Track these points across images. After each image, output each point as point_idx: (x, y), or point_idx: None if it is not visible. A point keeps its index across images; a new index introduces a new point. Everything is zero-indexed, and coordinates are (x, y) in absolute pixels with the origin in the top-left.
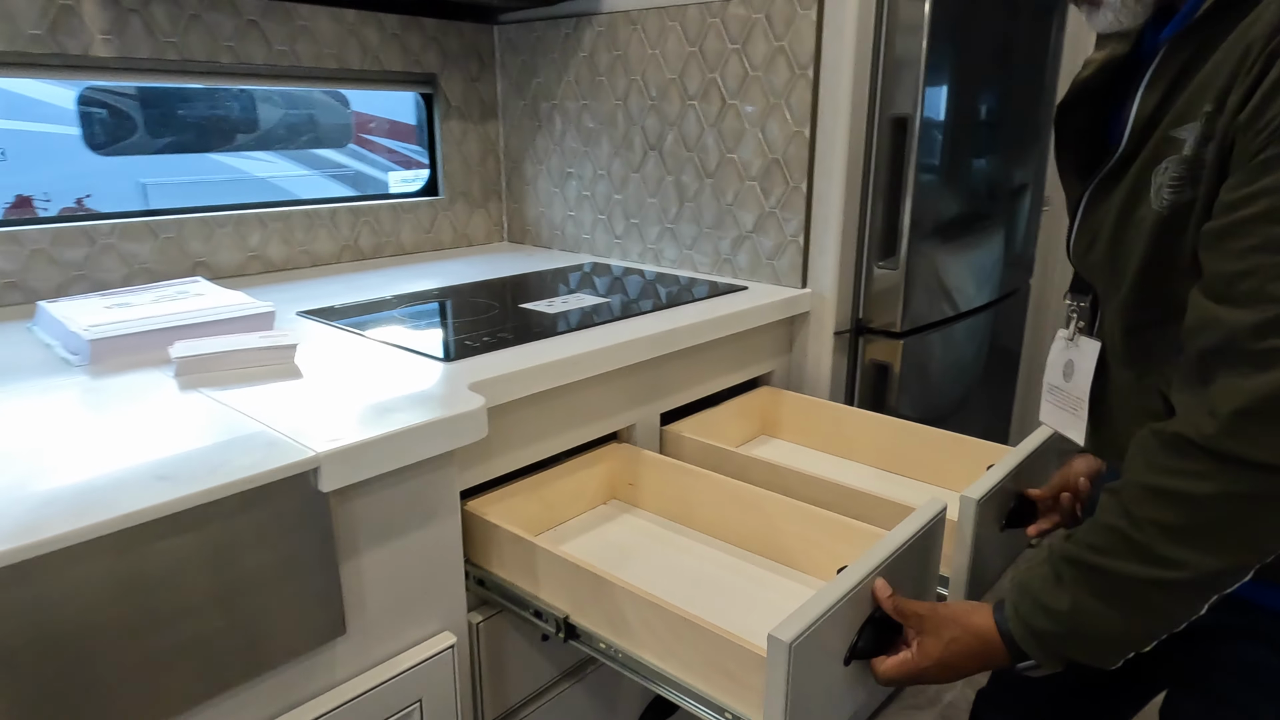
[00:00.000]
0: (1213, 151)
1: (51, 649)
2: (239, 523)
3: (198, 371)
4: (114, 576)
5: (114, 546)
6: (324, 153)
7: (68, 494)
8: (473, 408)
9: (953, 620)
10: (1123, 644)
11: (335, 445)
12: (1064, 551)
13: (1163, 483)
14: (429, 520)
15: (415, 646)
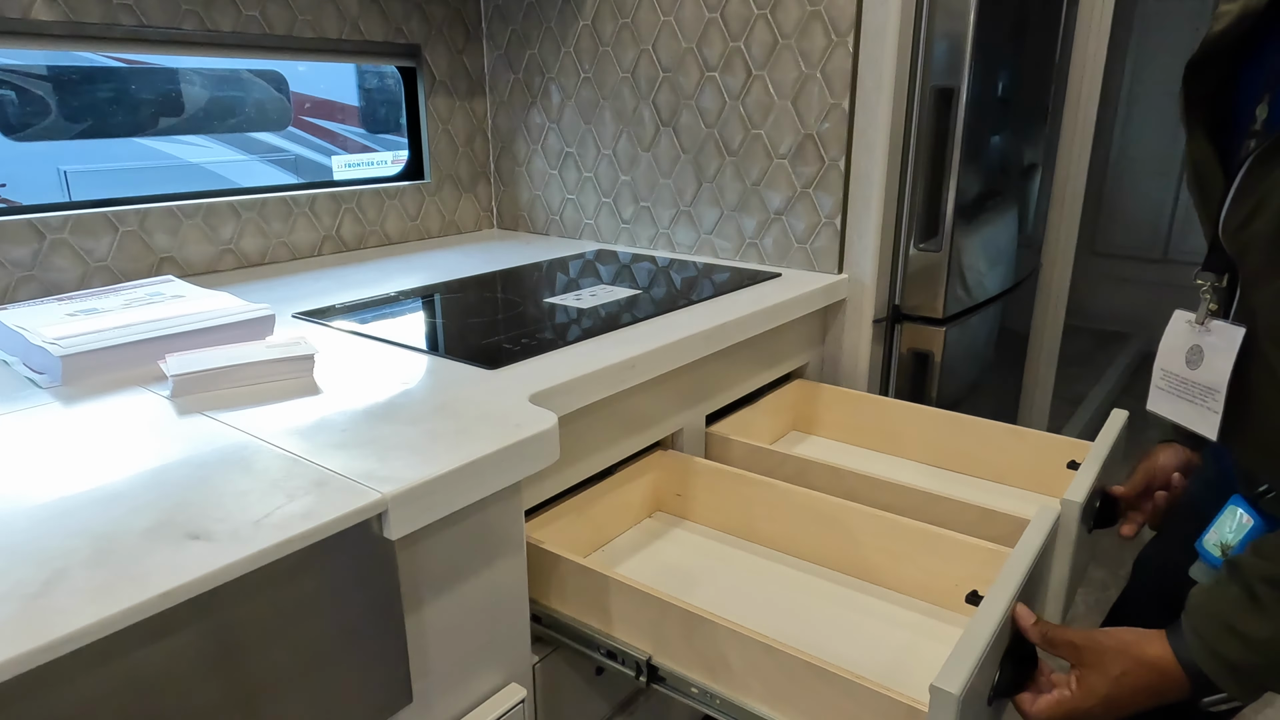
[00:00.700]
0: None
1: None
2: (292, 587)
3: (198, 391)
4: (131, 677)
5: (141, 636)
6: (262, 136)
7: (76, 566)
8: (545, 428)
9: (1120, 652)
10: None
11: (404, 484)
12: (1262, 571)
13: None
14: (494, 559)
15: (482, 705)
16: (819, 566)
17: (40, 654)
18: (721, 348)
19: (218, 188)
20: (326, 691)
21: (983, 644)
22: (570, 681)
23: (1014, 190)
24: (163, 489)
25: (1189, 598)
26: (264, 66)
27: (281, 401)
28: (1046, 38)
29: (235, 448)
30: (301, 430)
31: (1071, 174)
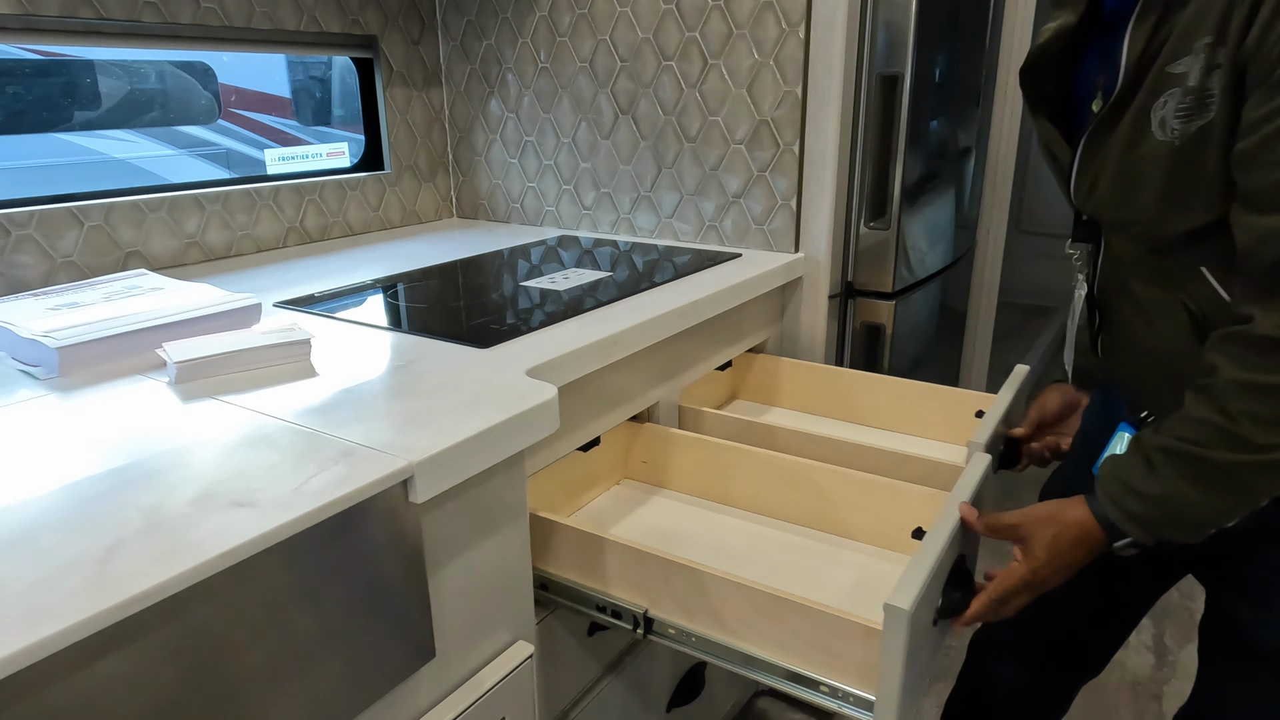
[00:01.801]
0: (1221, 79)
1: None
2: (328, 551)
3: (201, 377)
4: (185, 642)
5: (194, 599)
6: (191, 130)
7: (133, 536)
8: (547, 398)
9: (1050, 519)
10: (1212, 521)
11: (427, 452)
12: (1156, 443)
13: (1256, 378)
14: (502, 524)
15: (494, 661)
16: (785, 522)
17: (116, 611)
18: (693, 324)
19: (145, 184)
20: (360, 647)
21: (928, 568)
22: (565, 643)
23: (952, 172)
24: (196, 465)
25: (1099, 468)
26: (191, 58)
27: (285, 384)
28: (977, 24)
29: (253, 427)
30: (314, 408)
31: (1001, 156)
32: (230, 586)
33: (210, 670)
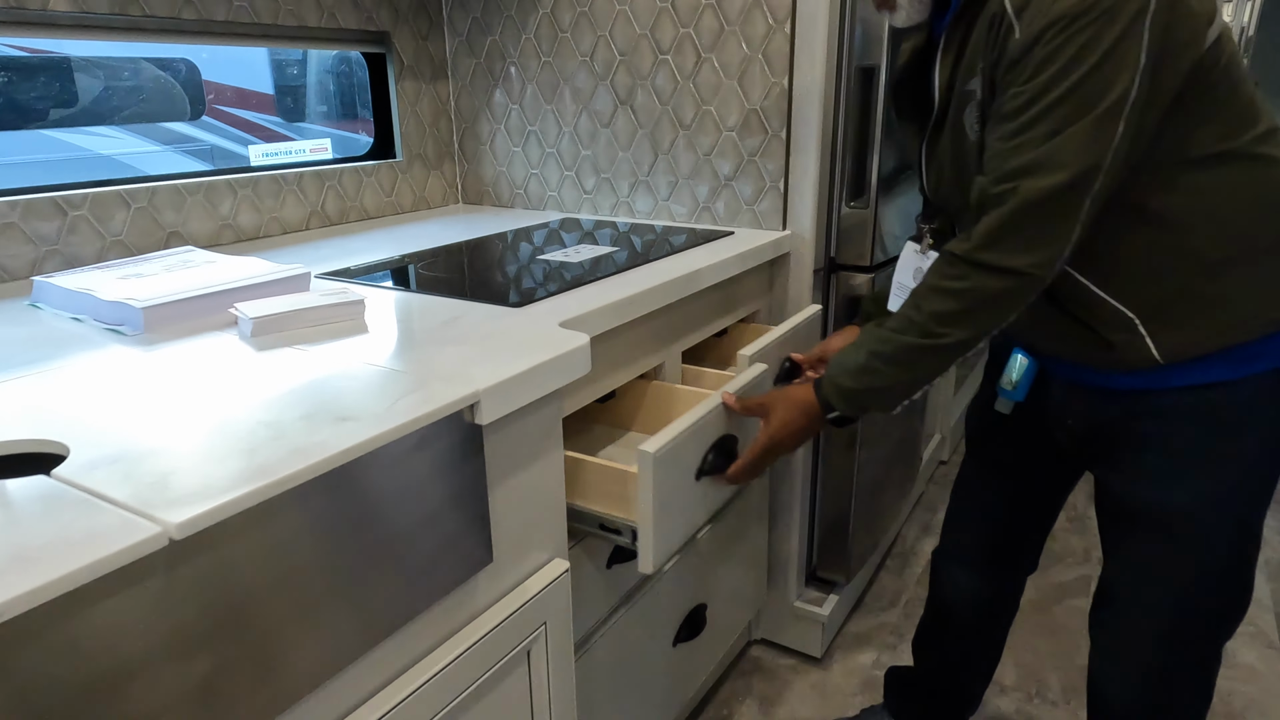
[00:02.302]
0: (988, 91)
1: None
2: (415, 459)
3: (274, 331)
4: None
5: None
6: (175, 126)
7: (264, 444)
8: (581, 343)
9: (784, 398)
10: (894, 393)
11: (490, 381)
12: (867, 331)
13: (939, 283)
14: (543, 453)
15: (538, 573)
16: None
17: (273, 488)
18: (694, 291)
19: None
20: (434, 548)
21: (679, 430)
22: (586, 573)
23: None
24: (294, 395)
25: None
26: (178, 54)
27: (347, 338)
28: None
29: (333, 366)
30: (381, 353)
31: None
32: (336, 486)
33: (324, 551)
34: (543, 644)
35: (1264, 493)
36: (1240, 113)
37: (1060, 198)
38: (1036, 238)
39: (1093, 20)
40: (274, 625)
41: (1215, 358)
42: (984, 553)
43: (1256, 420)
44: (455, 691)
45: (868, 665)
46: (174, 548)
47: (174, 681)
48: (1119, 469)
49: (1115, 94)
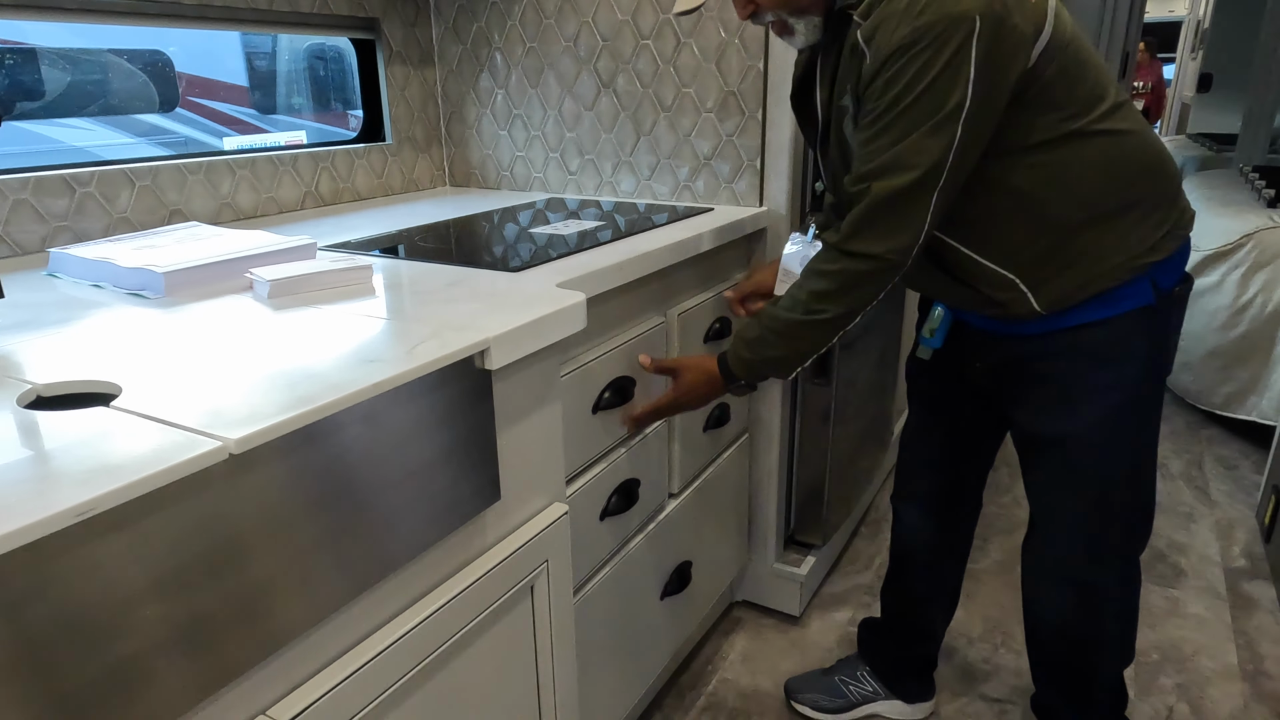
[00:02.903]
0: (855, 106)
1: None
2: (432, 399)
3: (290, 294)
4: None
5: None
6: (149, 118)
7: (302, 379)
8: (578, 300)
9: (693, 364)
10: (792, 362)
11: (498, 330)
12: (763, 310)
13: (817, 267)
14: (544, 403)
15: (540, 514)
16: None
17: (310, 415)
18: (680, 260)
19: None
20: (449, 483)
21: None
22: (580, 524)
23: None
24: (320, 343)
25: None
26: (150, 44)
27: (358, 300)
28: None
29: (353, 321)
30: (394, 310)
31: None
32: (360, 420)
33: (347, 481)
34: (545, 580)
35: (1150, 412)
36: (1082, 99)
37: (907, 194)
38: (890, 228)
39: (926, 46)
40: (308, 548)
41: (1088, 303)
42: (929, 494)
43: (1131, 352)
44: (467, 618)
45: (844, 622)
46: (229, 465)
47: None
48: (1023, 405)
49: (949, 106)
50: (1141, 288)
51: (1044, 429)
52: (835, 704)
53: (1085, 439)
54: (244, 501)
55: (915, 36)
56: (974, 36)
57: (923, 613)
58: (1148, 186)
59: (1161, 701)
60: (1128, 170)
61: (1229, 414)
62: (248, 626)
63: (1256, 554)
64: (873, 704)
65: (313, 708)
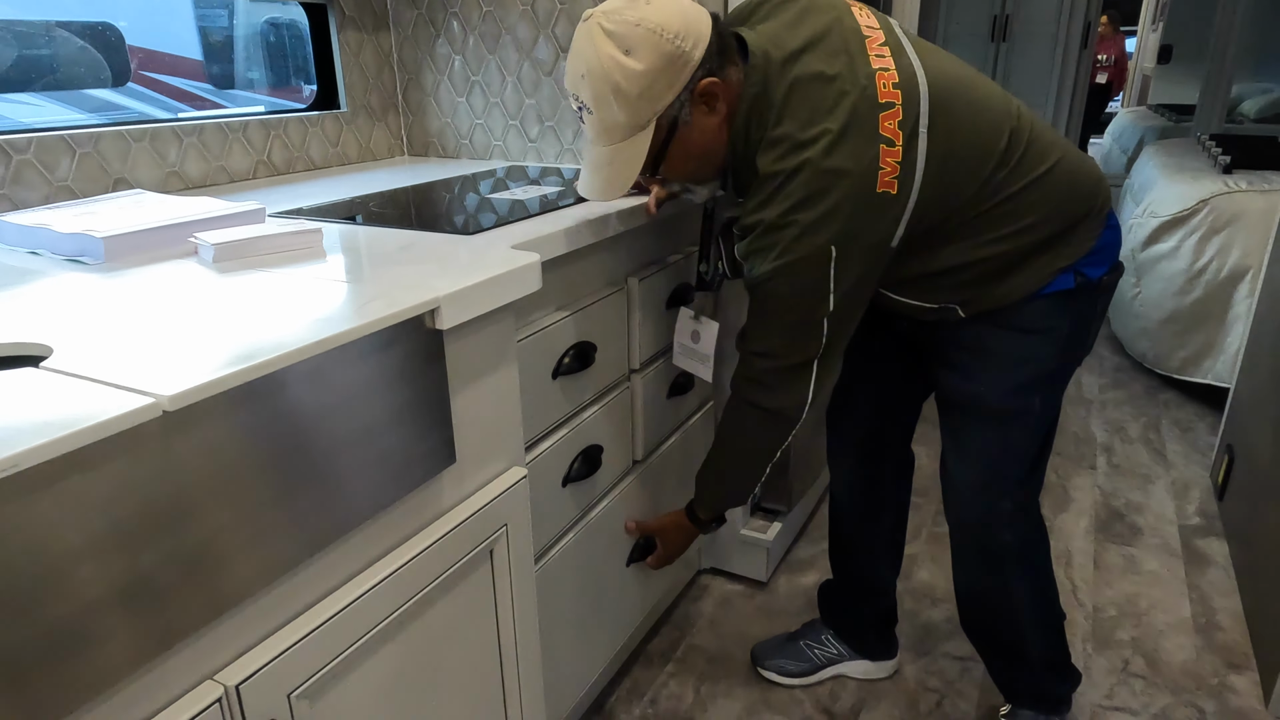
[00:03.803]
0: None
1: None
2: (382, 359)
3: (235, 258)
4: (293, 413)
5: (301, 378)
6: (101, 94)
7: (242, 336)
8: (532, 261)
9: (669, 524)
10: (740, 494)
11: (448, 290)
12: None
13: (729, 412)
14: (499, 366)
15: (498, 478)
16: None
17: (258, 369)
18: (639, 225)
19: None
20: (402, 444)
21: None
22: (542, 489)
23: None
24: (264, 306)
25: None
26: (98, 17)
27: (306, 264)
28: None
29: (300, 284)
30: (344, 273)
31: None
32: (306, 379)
33: (295, 441)
34: (504, 544)
35: (1058, 387)
36: (979, 184)
37: (784, 373)
38: (776, 394)
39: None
40: (256, 508)
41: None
42: (856, 443)
43: (1047, 327)
44: (425, 581)
45: (810, 587)
46: (164, 422)
47: (165, 554)
48: (943, 363)
49: (815, 317)
50: (1065, 278)
51: (958, 388)
52: (801, 668)
53: (994, 404)
54: (185, 461)
55: (775, 272)
56: (830, 264)
57: (867, 565)
58: (1076, 207)
59: (1118, 655)
60: (1055, 205)
61: (1185, 378)
62: (192, 589)
63: (1210, 512)
64: (838, 665)
65: (263, 672)
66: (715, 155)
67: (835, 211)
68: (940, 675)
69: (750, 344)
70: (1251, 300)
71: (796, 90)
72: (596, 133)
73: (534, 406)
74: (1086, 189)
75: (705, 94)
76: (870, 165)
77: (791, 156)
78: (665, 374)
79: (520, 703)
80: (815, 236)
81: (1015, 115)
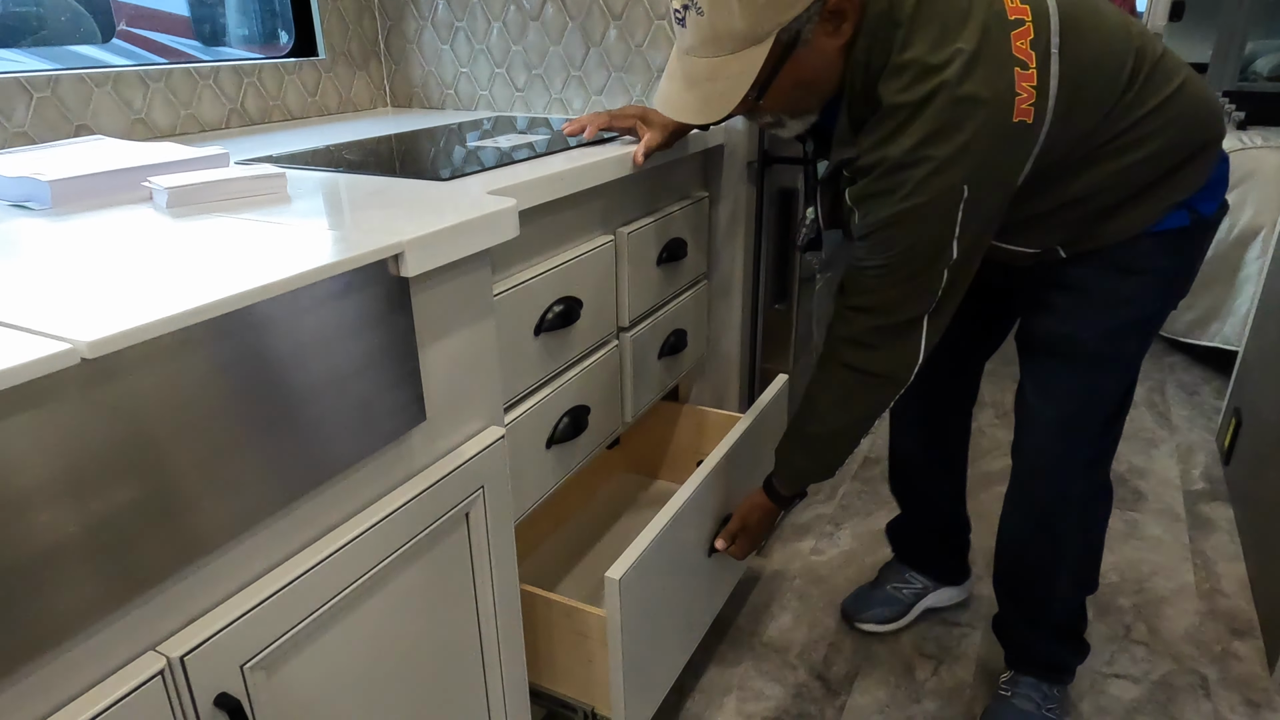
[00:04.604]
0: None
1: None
2: (341, 306)
3: (191, 203)
4: (241, 363)
5: (248, 326)
6: (85, 51)
7: (182, 282)
8: (508, 206)
9: (747, 511)
10: (828, 468)
11: (414, 234)
12: (789, 427)
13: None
14: (474, 317)
15: (474, 438)
16: None
17: (189, 315)
18: (629, 173)
19: None
20: (366, 399)
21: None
22: (526, 450)
23: None
24: (216, 251)
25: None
26: None
27: (268, 209)
28: None
29: (258, 229)
30: (306, 218)
31: None
32: (256, 328)
33: (248, 394)
34: (481, 507)
35: (1151, 334)
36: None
37: (894, 330)
38: (885, 357)
39: (909, 226)
40: (206, 464)
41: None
42: (924, 396)
43: (1153, 267)
44: (395, 544)
45: (806, 552)
46: (85, 370)
47: (102, 513)
48: (1036, 305)
49: (935, 265)
50: (1178, 215)
51: (1050, 331)
52: (895, 611)
53: (1089, 348)
54: (120, 412)
55: (898, 217)
56: (960, 206)
57: (939, 503)
58: (1196, 135)
59: (1119, 621)
60: (1177, 133)
61: (1192, 340)
62: (133, 552)
63: (1215, 477)
64: (925, 598)
65: (211, 642)
66: (825, 85)
67: (970, 145)
68: (937, 641)
69: (853, 298)
70: (1263, 260)
71: (924, 6)
72: (702, 39)
73: (515, 364)
74: (1207, 116)
75: (834, 11)
76: (1007, 91)
77: (921, 83)
78: (657, 332)
79: (501, 674)
80: (948, 174)
81: (1138, 33)
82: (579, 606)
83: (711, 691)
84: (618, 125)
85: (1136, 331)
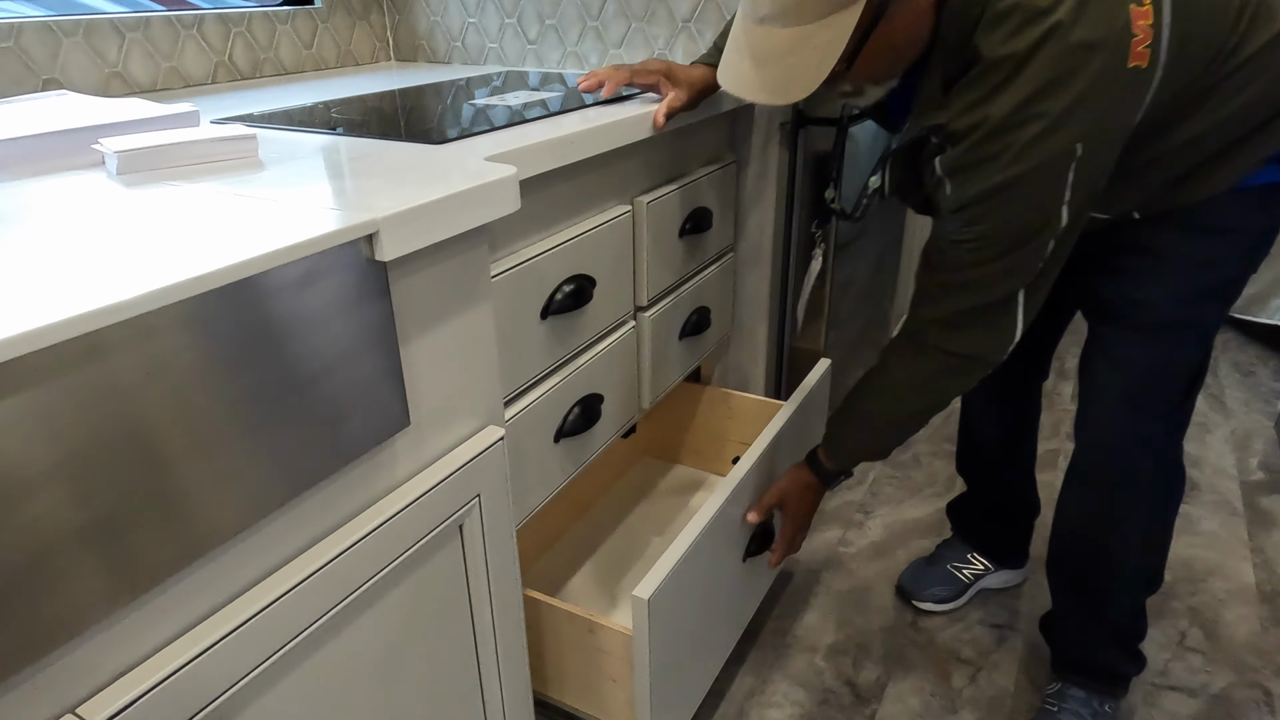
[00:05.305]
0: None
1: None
2: (306, 297)
3: (144, 169)
4: (181, 362)
5: (183, 324)
6: (94, 2)
7: (113, 270)
8: (506, 175)
9: (788, 486)
10: (885, 449)
11: (392, 210)
12: (854, 400)
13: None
14: (469, 304)
15: (468, 441)
16: None
17: (176, 291)
18: (647, 136)
19: None
20: (339, 403)
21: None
22: (531, 446)
23: None
24: (174, 223)
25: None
26: None
27: (233, 175)
28: None
29: (216, 200)
30: (272, 189)
31: None
32: (194, 326)
33: (185, 404)
34: (477, 518)
35: (1231, 299)
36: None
37: (990, 309)
38: (979, 336)
39: (1015, 196)
40: (126, 487)
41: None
42: (998, 378)
43: (1244, 227)
44: (377, 566)
45: (833, 541)
46: None
47: (47, 530)
48: (1107, 270)
49: (1041, 235)
50: (1269, 170)
51: (1123, 297)
52: (953, 591)
53: (1164, 315)
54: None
55: (1004, 185)
56: (1071, 168)
57: (1011, 483)
58: None
59: (1173, 626)
60: (1275, 79)
61: (1248, 317)
62: (54, 595)
63: (1275, 466)
64: (983, 580)
65: (153, 694)
66: (917, 45)
67: (1087, 97)
68: (975, 645)
69: (942, 274)
70: None
71: None
72: (783, 6)
73: (519, 352)
74: None
75: None
76: (1123, 33)
77: (1029, 29)
78: (679, 311)
79: (501, 697)
80: (1063, 132)
81: None
82: (602, 622)
83: (733, 698)
84: (639, 81)
85: (1216, 297)
